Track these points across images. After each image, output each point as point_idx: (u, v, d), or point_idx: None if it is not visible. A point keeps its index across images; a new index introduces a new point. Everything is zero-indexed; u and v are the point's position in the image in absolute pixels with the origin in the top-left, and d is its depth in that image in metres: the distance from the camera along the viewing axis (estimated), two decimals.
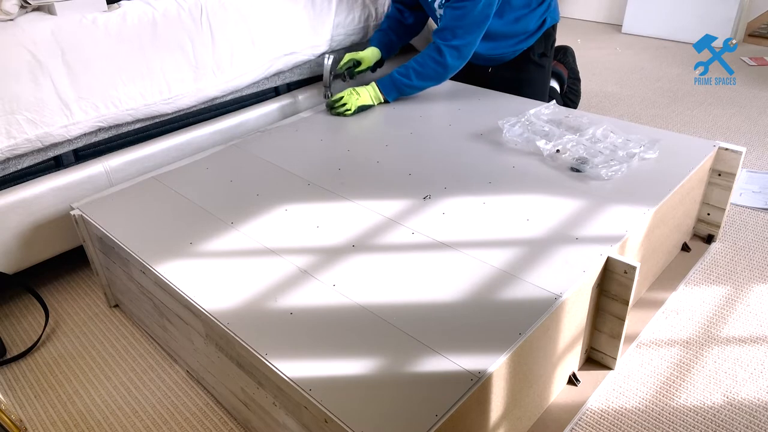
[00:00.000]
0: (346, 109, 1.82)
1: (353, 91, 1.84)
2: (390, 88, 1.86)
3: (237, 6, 1.77)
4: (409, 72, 1.82)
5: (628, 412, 1.19)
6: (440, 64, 1.79)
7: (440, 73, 1.82)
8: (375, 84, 1.86)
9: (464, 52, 1.78)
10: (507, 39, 1.92)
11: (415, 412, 0.84)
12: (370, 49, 1.96)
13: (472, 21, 1.73)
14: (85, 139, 1.59)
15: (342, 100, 1.82)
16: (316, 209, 1.35)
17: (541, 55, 1.98)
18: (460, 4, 1.71)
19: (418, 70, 1.81)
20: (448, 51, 1.76)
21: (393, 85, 1.85)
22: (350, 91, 1.84)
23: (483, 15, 1.73)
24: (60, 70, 1.47)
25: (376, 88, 1.86)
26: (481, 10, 1.71)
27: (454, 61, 1.79)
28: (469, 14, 1.71)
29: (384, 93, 1.86)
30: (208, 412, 1.25)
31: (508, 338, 0.95)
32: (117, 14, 1.56)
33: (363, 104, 1.83)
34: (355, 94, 1.83)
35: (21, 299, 1.64)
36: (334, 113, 1.84)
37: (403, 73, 1.83)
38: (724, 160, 1.52)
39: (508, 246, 1.18)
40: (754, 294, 1.48)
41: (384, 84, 1.86)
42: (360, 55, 1.93)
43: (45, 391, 1.34)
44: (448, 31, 1.75)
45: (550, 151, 1.49)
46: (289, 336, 0.99)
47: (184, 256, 1.22)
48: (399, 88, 1.86)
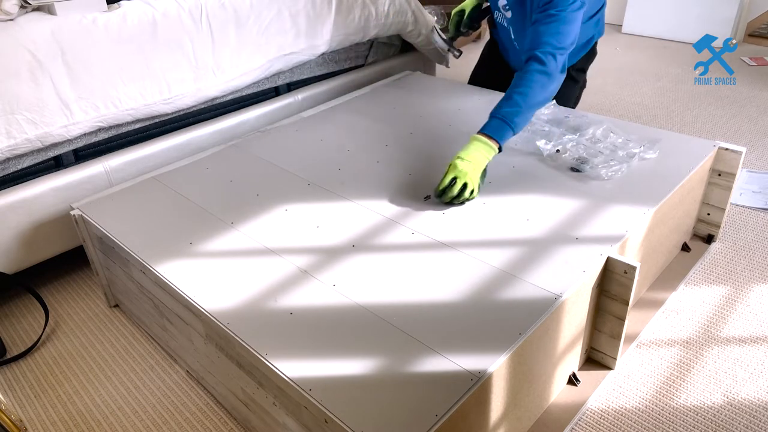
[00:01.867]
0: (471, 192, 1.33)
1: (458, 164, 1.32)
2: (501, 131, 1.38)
3: (237, 6, 1.77)
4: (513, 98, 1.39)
5: (628, 412, 1.19)
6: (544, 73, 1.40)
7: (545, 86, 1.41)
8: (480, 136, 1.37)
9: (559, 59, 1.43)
10: None
11: (415, 412, 0.84)
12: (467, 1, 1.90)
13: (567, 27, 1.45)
14: (85, 139, 1.59)
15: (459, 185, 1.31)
16: (316, 209, 1.35)
17: (578, 70, 1.91)
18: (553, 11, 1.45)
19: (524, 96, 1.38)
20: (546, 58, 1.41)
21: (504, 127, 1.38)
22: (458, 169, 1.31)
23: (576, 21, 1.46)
24: (60, 70, 1.47)
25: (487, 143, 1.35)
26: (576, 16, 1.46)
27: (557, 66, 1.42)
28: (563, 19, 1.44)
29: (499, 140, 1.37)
30: (208, 412, 1.25)
31: (508, 338, 0.95)
32: (117, 14, 1.56)
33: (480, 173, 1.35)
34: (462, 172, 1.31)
35: (21, 299, 1.64)
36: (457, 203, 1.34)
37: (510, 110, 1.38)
38: (724, 160, 1.52)
39: (508, 246, 1.18)
40: (754, 294, 1.48)
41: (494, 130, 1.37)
42: (460, 7, 1.90)
43: (45, 391, 1.34)
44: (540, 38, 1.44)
45: (550, 151, 1.49)
46: (289, 336, 0.99)
47: (184, 256, 1.22)
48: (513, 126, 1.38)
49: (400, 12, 2.17)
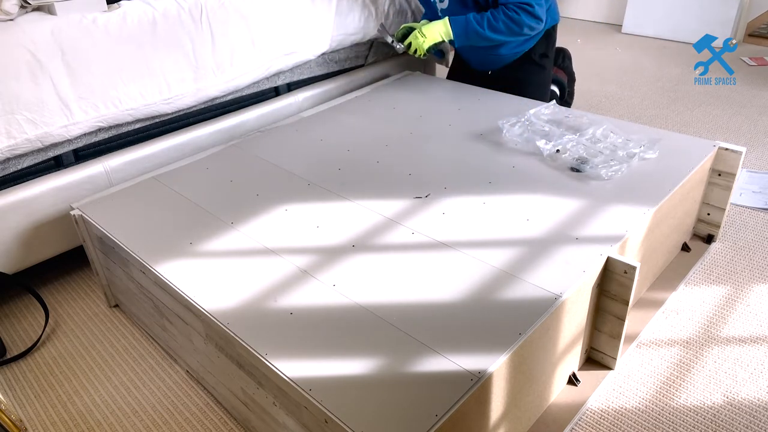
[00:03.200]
0: (417, 55, 1.86)
1: (419, 33, 1.83)
2: (461, 30, 1.80)
3: (237, 6, 1.77)
4: (483, 20, 1.76)
5: (628, 412, 1.19)
6: (512, 20, 1.73)
7: (511, 27, 1.75)
8: (447, 20, 1.81)
9: (537, 11, 1.73)
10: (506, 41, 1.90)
11: (415, 412, 0.84)
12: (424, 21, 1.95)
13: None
14: (85, 139, 1.59)
15: (411, 47, 1.86)
16: (316, 209, 1.35)
17: (541, 55, 1.96)
18: None
19: (491, 20, 1.75)
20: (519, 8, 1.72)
21: (465, 29, 1.79)
22: (415, 35, 1.84)
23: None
24: (60, 70, 1.47)
25: (448, 26, 1.80)
26: None
27: (527, 19, 1.73)
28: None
29: (454, 33, 1.80)
30: (208, 412, 1.25)
31: (508, 338, 0.95)
32: (117, 14, 1.56)
33: (432, 43, 1.83)
34: (421, 36, 1.82)
35: (21, 299, 1.64)
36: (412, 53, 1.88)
37: (477, 19, 1.77)
38: (724, 160, 1.52)
39: (508, 246, 1.18)
40: (754, 294, 1.48)
41: (457, 24, 1.80)
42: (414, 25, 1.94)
43: (45, 391, 1.34)
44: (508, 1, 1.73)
45: (550, 151, 1.49)
46: (289, 336, 0.99)
47: (184, 256, 1.22)
48: (468, 33, 1.79)
49: (400, 12, 2.18)
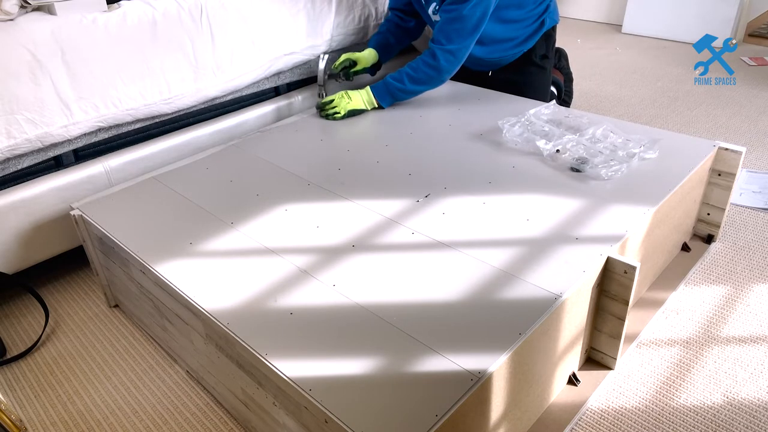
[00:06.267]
0: (336, 112, 1.79)
1: (345, 95, 1.81)
2: (384, 93, 1.82)
3: (237, 6, 1.77)
4: (402, 77, 1.79)
5: (628, 412, 1.19)
6: (434, 68, 1.76)
7: (433, 76, 1.78)
8: (369, 89, 1.83)
9: (458, 55, 1.75)
10: (505, 42, 1.90)
11: (415, 412, 0.84)
12: (368, 51, 1.94)
13: (465, 24, 1.70)
14: (85, 139, 1.59)
15: (333, 103, 1.80)
16: (316, 209, 1.35)
17: (542, 56, 1.96)
18: (453, 7, 1.69)
19: (411, 74, 1.78)
20: (441, 55, 1.74)
21: (387, 90, 1.82)
22: (342, 94, 1.81)
23: (476, 18, 1.70)
24: (60, 70, 1.47)
25: (370, 93, 1.82)
26: (475, 13, 1.68)
27: (448, 65, 1.76)
28: (462, 17, 1.69)
29: (378, 98, 1.82)
30: (208, 412, 1.25)
31: (508, 338, 0.95)
32: (117, 14, 1.56)
33: (354, 108, 1.81)
34: (347, 98, 1.80)
35: (21, 299, 1.64)
36: (323, 115, 1.83)
37: (396, 77, 1.80)
38: (724, 160, 1.52)
39: (508, 246, 1.18)
40: (754, 294, 1.48)
41: (378, 89, 1.82)
42: (357, 55, 1.92)
43: (45, 391, 1.34)
44: (442, 34, 1.73)
45: (550, 151, 1.49)
46: (289, 336, 0.99)
47: (184, 256, 1.22)
48: (393, 93, 1.82)
49: None
